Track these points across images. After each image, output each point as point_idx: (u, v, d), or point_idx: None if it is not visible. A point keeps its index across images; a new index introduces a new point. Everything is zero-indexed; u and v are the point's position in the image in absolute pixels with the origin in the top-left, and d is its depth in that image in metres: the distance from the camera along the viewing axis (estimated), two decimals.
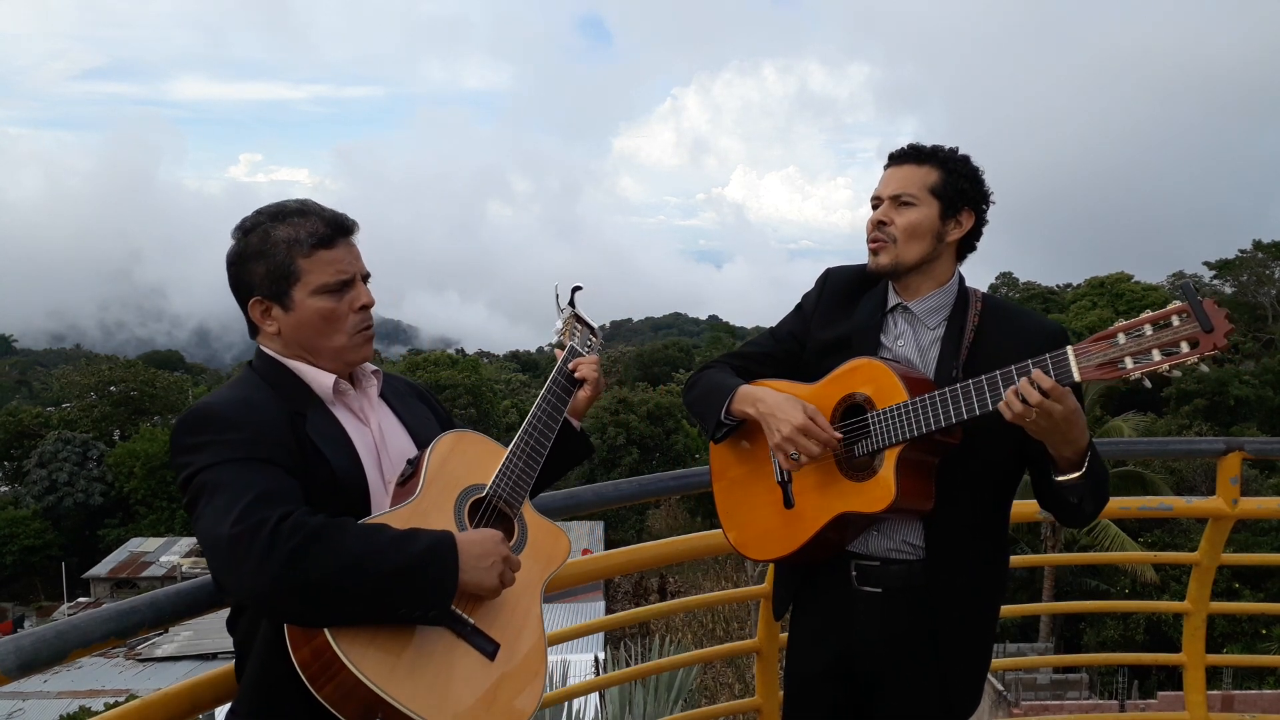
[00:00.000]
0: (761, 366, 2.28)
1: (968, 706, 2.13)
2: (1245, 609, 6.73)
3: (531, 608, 1.79)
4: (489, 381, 44.60)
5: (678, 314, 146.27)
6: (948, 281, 2.12)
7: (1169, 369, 1.70)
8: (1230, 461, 3.16)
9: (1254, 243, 43.75)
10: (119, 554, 34.91)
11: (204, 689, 1.87)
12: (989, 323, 2.08)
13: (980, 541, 2.10)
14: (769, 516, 2.19)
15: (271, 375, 1.75)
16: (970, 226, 2.11)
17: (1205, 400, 31.45)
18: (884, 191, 2.11)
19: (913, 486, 2.00)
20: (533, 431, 1.93)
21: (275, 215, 1.74)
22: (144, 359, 60.86)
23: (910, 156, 2.11)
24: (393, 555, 1.53)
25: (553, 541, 1.88)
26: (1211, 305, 1.66)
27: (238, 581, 1.51)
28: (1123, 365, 1.73)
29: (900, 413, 1.96)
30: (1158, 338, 1.71)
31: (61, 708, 19.94)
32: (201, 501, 1.56)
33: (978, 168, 2.10)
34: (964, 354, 2.05)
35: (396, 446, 1.82)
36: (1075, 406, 1.81)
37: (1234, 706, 12.12)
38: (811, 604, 2.23)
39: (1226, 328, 1.66)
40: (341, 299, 1.74)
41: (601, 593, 24.34)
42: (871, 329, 2.15)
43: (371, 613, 1.54)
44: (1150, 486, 20.03)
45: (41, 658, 1.60)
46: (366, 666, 1.51)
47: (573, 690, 3.08)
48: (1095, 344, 1.77)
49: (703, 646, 13.12)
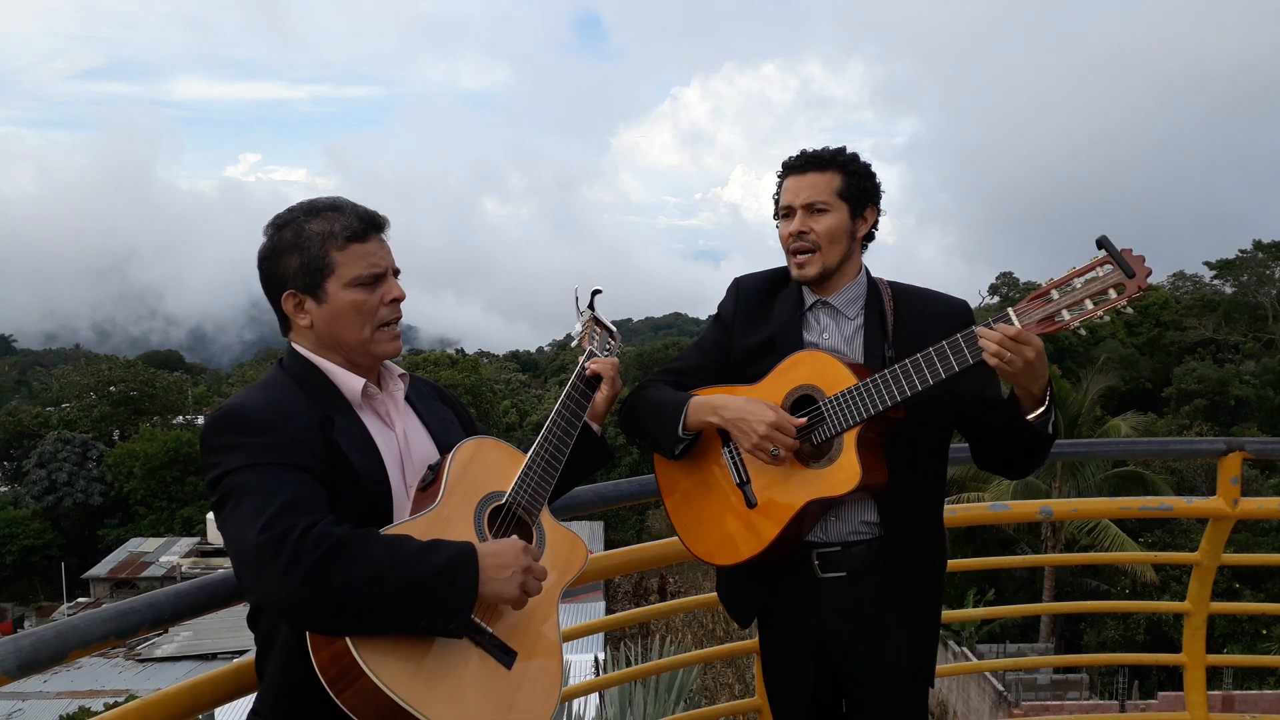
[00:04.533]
0: (694, 379, 2.32)
1: (932, 664, 2.26)
2: (1246, 609, 6.74)
3: (549, 615, 1.80)
4: (489, 381, 44.56)
5: (678, 314, 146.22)
6: (858, 274, 2.25)
7: (1102, 315, 1.88)
8: (1231, 461, 3.16)
9: (1254, 242, 43.73)
10: (118, 554, 34.90)
11: (204, 689, 1.87)
12: (903, 306, 2.22)
13: (925, 510, 2.24)
14: (731, 520, 2.22)
15: (302, 376, 1.76)
16: (874, 220, 2.24)
17: (1205, 400, 31.49)
18: (795, 201, 2.19)
19: (870, 464, 2.09)
20: (551, 438, 1.93)
21: (309, 210, 1.77)
22: (143, 359, 60.84)
23: (812, 164, 2.19)
24: (415, 567, 1.55)
25: (570, 549, 1.89)
26: (1129, 253, 1.85)
27: (263, 589, 1.53)
28: (1060, 318, 1.91)
29: (852, 395, 2.06)
30: (1088, 289, 1.88)
31: (61, 708, 19.94)
32: (229, 504, 1.58)
33: (868, 164, 2.22)
34: (890, 335, 2.17)
35: (420, 451, 1.83)
36: (1041, 345, 1.95)
37: (1235, 707, 12.12)
38: (777, 601, 2.27)
39: (1146, 270, 1.84)
40: (374, 292, 1.76)
41: (601, 593, 24.33)
42: (793, 327, 2.24)
43: (393, 624, 1.55)
44: (1150, 486, 20.03)
45: (41, 658, 1.60)
46: (386, 674, 1.52)
47: (573, 690, 3.07)
48: (1032, 303, 1.94)
49: (703, 647, 13.12)
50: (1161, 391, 33.06)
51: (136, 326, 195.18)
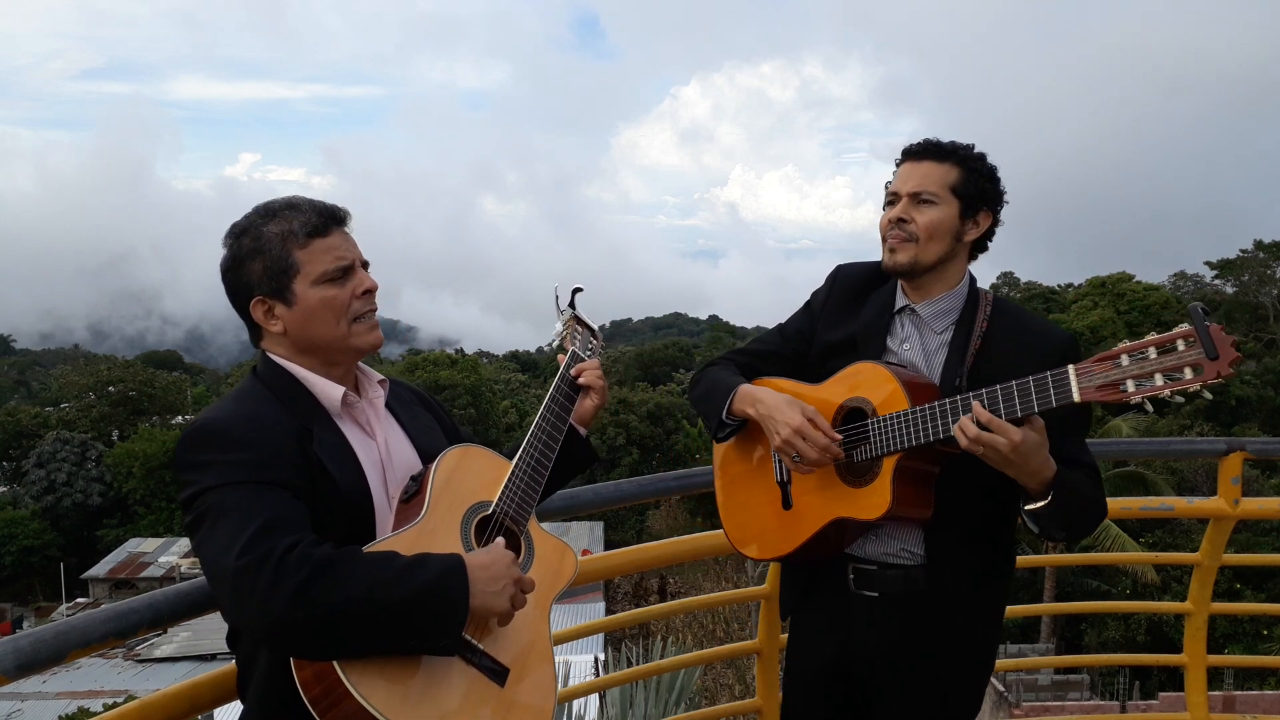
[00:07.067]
0: (767, 364, 2.25)
1: (968, 709, 2.11)
2: (1247, 609, 6.72)
3: (540, 627, 1.75)
4: (489, 381, 44.54)
5: (678, 314, 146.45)
6: (958, 284, 2.08)
7: (1171, 394, 1.65)
8: (1231, 462, 3.16)
9: (1255, 242, 43.71)
10: (117, 554, 34.95)
11: (203, 689, 1.86)
12: (997, 328, 2.03)
13: (981, 550, 2.06)
14: (767, 516, 2.18)
15: (278, 385, 1.70)
16: (987, 227, 2.07)
17: (1206, 400, 31.40)
18: (903, 188, 2.04)
19: (910, 495, 1.96)
20: (537, 444, 1.88)
21: (265, 213, 1.71)
22: (142, 359, 60.87)
23: (930, 152, 2.05)
24: (402, 585, 1.49)
25: (559, 558, 1.85)
26: (1219, 331, 1.61)
27: (244, 615, 1.47)
28: (1124, 388, 1.68)
29: (899, 421, 1.92)
30: (1162, 362, 1.66)
31: (60, 708, 19.93)
32: (205, 525, 1.52)
33: (994, 166, 2.06)
34: (970, 360, 2.00)
35: (402, 461, 1.78)
36: (1036, 441, 1.76)
37: (1235, 707, 12.09)
38: (811, 604, 2.22)
39: (1232, 356, 1.60)
40: (344, 286, 1.70)
41: (601, 593, 24.32)
42: (877, 331, 2.11)
43: (382, 645, 1.50)
44: (1151, 487, 20.04)
45: (40, 658, 1.59)
46: (373, 695, 1.47)
47: (574, 691, 3.07)
48: (1098, 364, 1.71)
49: (703, 647, 13.11)
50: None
51: (133, 326, 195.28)
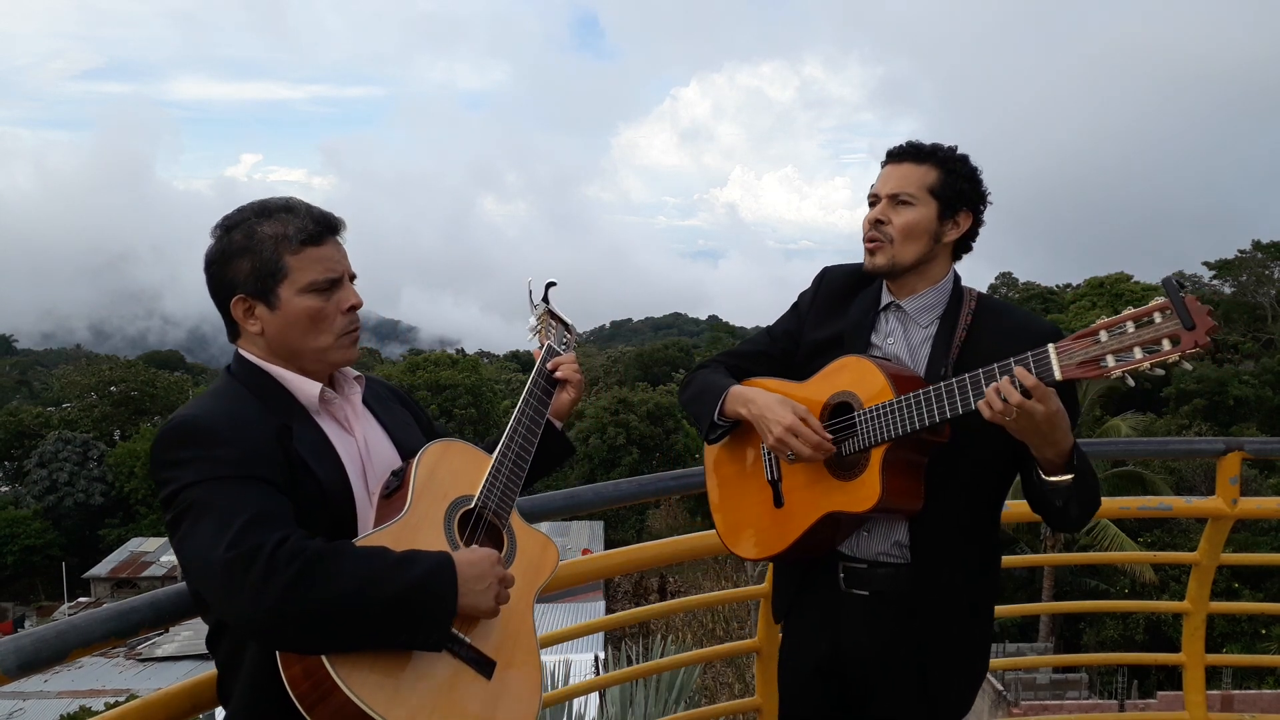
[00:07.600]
0: (756, 365, 2.26)
1: (958, 708, 2.12)
2: (1245, 609, 6.72)
3: (524, 620, 1.76)
4: (489, 381, 44.52)
5: (678, 314, 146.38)
6: (942, 280, 2.10)
7: (1151, 367, 1.66)
8: (1230, 461, 3.16)
9: (1253, 242, 43.73)
10: (119, 554, 34.94)
11: (204, 689, 1.86)
12: (982, 322, 2.05)
13: (969, 544, 2.07)
14: (759, 515, 2.19)
15: (254, 383, 1.69)
16: (968, 228, 2.09)
17: (1205, 400, 31.43)
18: (882, 189, 2.08)
19: (900, 486, 1.97)
20: (516, 438, 1.89)
21: (260, 212, 1.69)
22: (144, 359, 60.82)
23: (909, 155, 2.08)
24: (394, 580, 1.50)
25: (541, 551, 1.85)
26: (1194, 302, 1.62)
27: (232, 608, 1.46)
28: (1104, 363, 1.70)
29: (885, 411, 1.94)
30: (1139, 335, 1.67)
31: (62, 707, 19.92)
32: (187, 521, 1.50)
33: (976, 168, 2.08)
34: (955, 352, 2.02)
35: (381, 457, 1.78)
36: (1058, 408, 1.77)
37: (1234, 706, 12.11)
38: (804, 602, 2.23)
39: (1208, 325, 1.61)
40: (330, 298, 1.69)
41: (601, 593, 24.32)
42: (863, 327, 2.14)
43: (371, 640, 1.50)
44: (1150, 486, 20.02)
45: (42, 657, 1.60)
46: (362, 689, 1.47)
47: (573, 690, 3.08)
48: (1077, 341, 1.73)
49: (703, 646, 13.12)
50: (1160, 391, 32.99)
51: (135, 326, 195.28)
